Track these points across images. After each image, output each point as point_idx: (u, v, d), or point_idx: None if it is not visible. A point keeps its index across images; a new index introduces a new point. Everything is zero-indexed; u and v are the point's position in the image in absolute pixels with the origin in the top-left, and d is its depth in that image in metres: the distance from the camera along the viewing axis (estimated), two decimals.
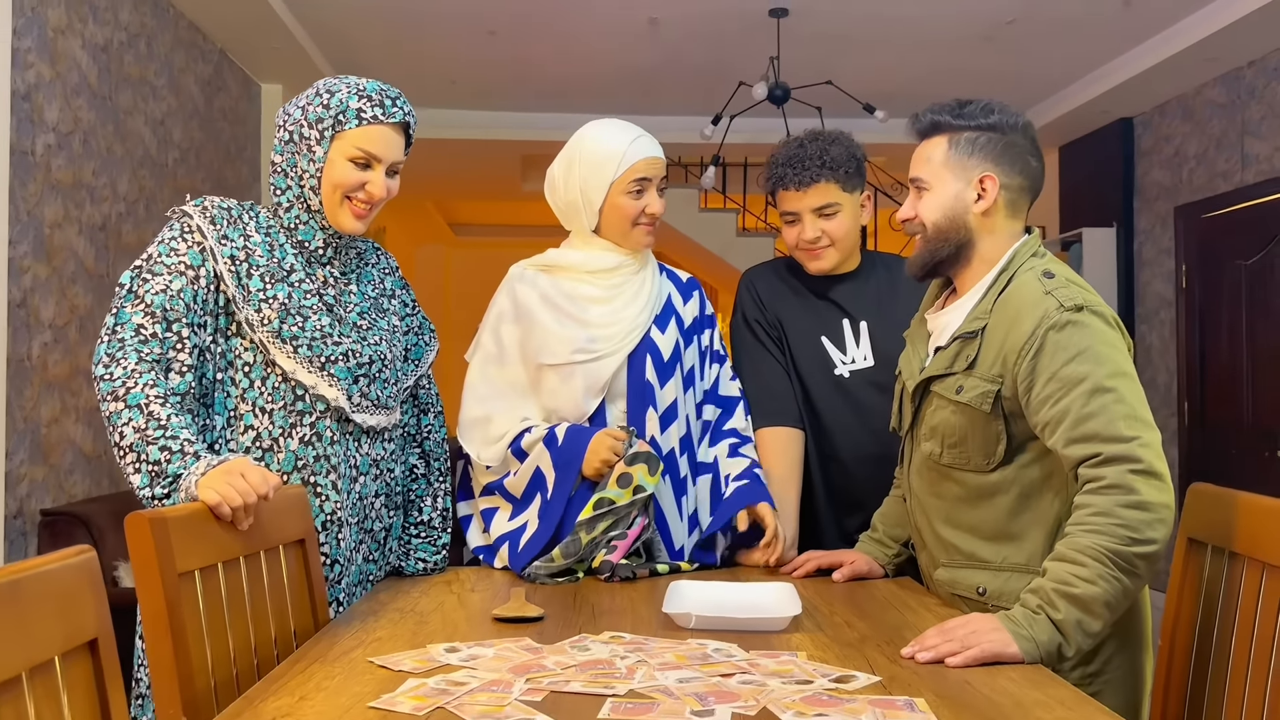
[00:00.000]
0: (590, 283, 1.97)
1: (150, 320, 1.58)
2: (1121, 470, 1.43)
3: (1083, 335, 1.51)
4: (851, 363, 2.11)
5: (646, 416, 1.94)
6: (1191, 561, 1.55)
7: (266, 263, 1.68)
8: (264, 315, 1.65)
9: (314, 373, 1.66)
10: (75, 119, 3.62)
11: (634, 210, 1.93)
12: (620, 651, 1.37)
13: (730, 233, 8.19)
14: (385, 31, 5.19)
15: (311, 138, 1.68)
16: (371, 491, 1.78)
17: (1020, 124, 1.63)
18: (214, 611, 1.35)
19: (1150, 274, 6.02)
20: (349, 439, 1.73)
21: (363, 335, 1.75)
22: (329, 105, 1.68)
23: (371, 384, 1.74)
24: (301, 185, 1.70)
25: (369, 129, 1.68)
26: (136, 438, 1.50)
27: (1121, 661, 1.58)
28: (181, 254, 1.63)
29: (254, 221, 1.71)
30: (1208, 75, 5.35)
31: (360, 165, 1.69)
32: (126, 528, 1.25)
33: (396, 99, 1.71)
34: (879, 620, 1.58)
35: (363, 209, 1.71)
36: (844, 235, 2.07)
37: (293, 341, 1.65)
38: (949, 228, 1.64)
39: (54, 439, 3.48)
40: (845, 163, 2.04)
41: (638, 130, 1.97)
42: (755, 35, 5.12)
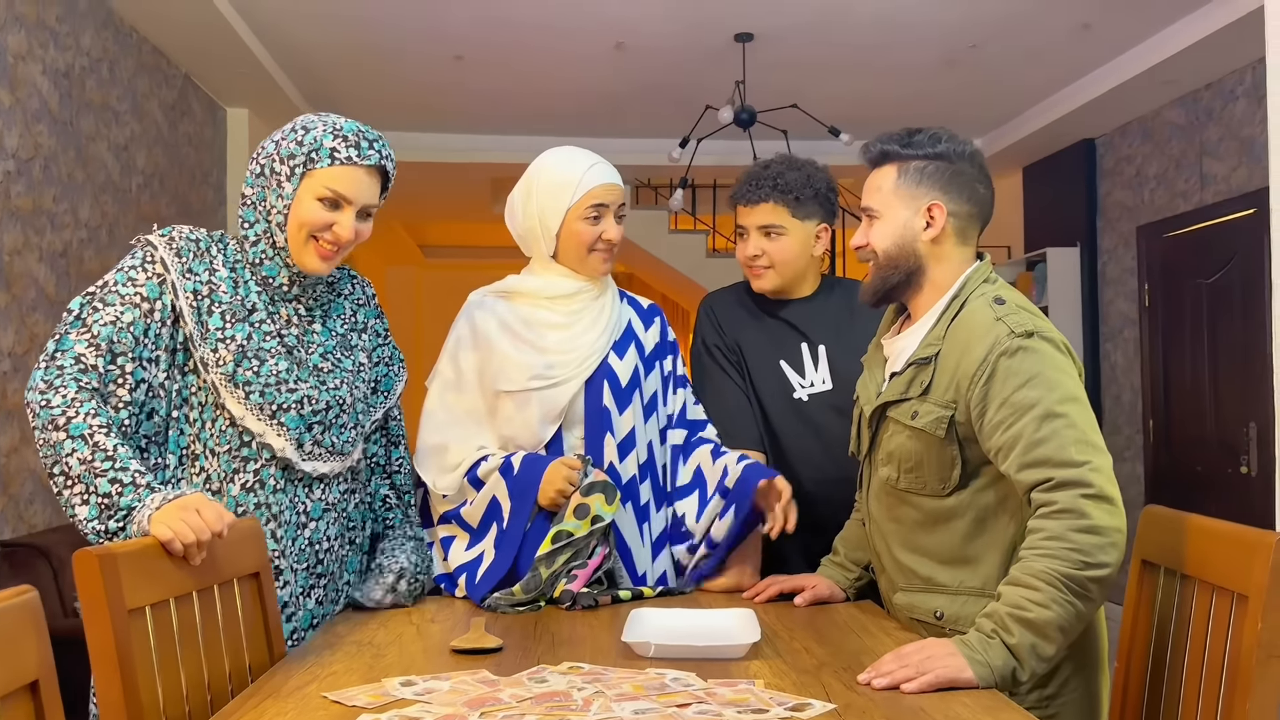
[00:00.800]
0: (549, 309, 1.97)
1: (93, 351, 1.54)
2: (1073, 495, 1.44)
3: (1033, 361, 1.53)
4: (810, 386, 2.13)
5: (604, 443, 1.93)
6: (1145, 583, 1.56)
7: (230, 300, 1.64)
8: (220, 356, 1.60)
9: (263, 420, 1.62)
10: (35, 145, 3.59)
11: (590, 236, 1.94)
12: (578, 683, 1.36)
13: (700, 254, 8.22)
14: (352, 55, 5.19)
15: (282, 173, 1.64)
16: (325, 535, 1.72)
17: (967, 152, 1.66)
18: (166, 648, 1.34)
19: (1114, 292, 6.10)
20: (297, 486, 1.68)
21: (322, 380, 1.70)
22: (303, 142, 1.64)
23: (326, 431, 1.69)
24: (269, 220, 1.66)
25: (341, 169, 1.63)
26: (83, 469, 1.46)
27: (1078, 684, 1.59)
28: (139, 284, 1.60)
29: (221, 255, 1.67)
30: (1166, 97, 5.44)
31: (329, 205, 1.63)
32: (75, 565, 1.24)
33: (375, 142, 1.67)
34: (838, 646, 1.59)
35: (329, 250, 1.66)
36: (786, 260, 2.10)
37: (245, 386, 1.61)
38: (899, 255, 1.66)
39: (13, 468, 3.43)
40: (798, 189, 2.08)
41: (595, 157, 1.97)
42: (721, 60, 5.16)
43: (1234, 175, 5.02)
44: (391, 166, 1.70)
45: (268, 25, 4.72)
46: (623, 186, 1.99)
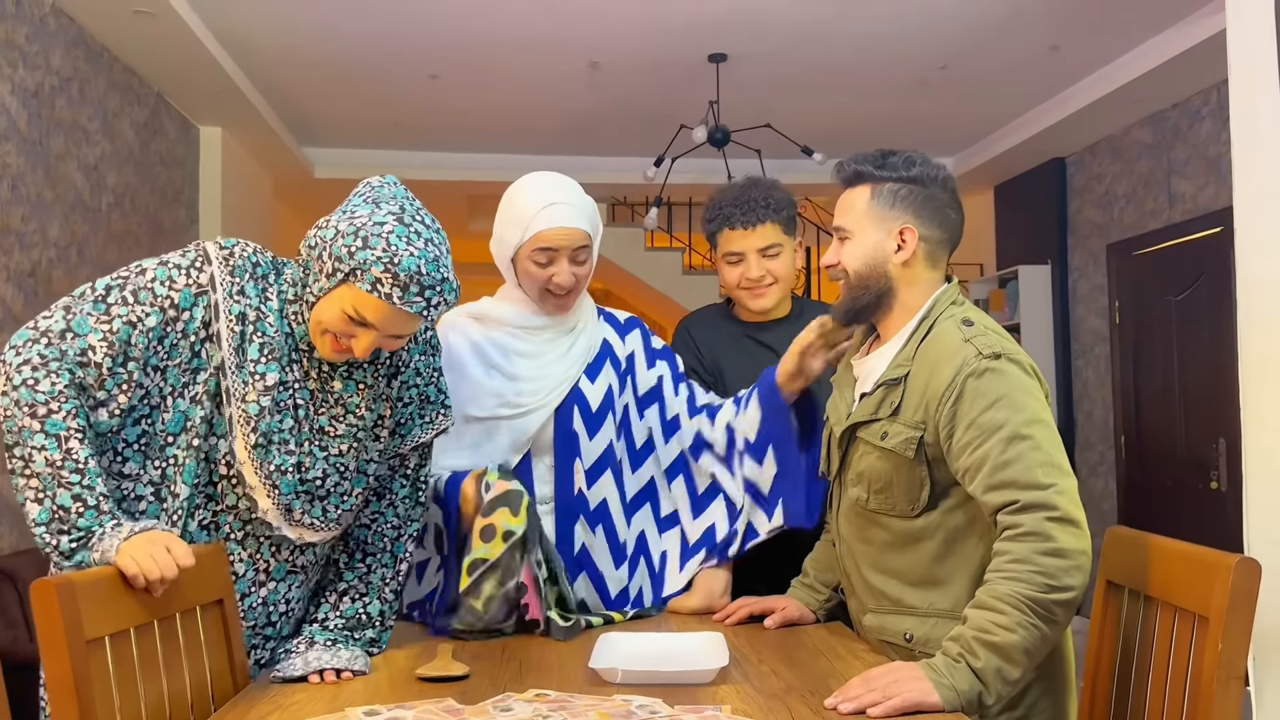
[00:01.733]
0: (520, 337, 1.95)
1: (104, 346, 1.43)
2: (1038, 518, 1.45)
3: (1000, 382, 1.54)
4: None
5: (573, 469, 1.92)
6: (1110, 604, 1.58)
7: (272, 334, 1.53)
8: (246, 392, 1.50)
9: (259, 474, 1.51)
10: (3, 165, 3.56)
11: (538, 278, 1.87)
12: (544, 710, 1.36)
13: (676, 271, 8.24)
14: (327, 74, 5.19)
15: (326, 267, 1.49)
16: (284, 598, 1.62)
17: (940, 177, 1.67)
18: (126, 678, 1.32)
19: (1084, 309, 6.15)
20: (261, 542, 1.57)
21: (324, 445, 1.57)
22: (353, 254, 1.46)
23: (315, 502, 1.57)
24: (304, 293, 1.55)
25: (375, 300, 1.47)
26: (48, 471, 1.37)
27: (1046, 705, 1.60)
28: (177, 288, 1.49)
29: (276, 286, 1.56)
30: (1135, 116, 5.52)
31: (354, 321, 1.49)
32: (33, 594, 1.22)
33: (428, 289, 1.47)
34: (807, 669, 1.59)
35: (343, 349, 1.53)
36: (785, 275, 2.15)
37: (259, 434, 1.50)
38: (869, 275, 1.67)
39: None
40: (786, 207, 2.13)
41: (556, 196, 1.84)
42: (695, 79, 5.19)
43: (1201, 194, 5.09)
44: (439, 314, 1.51)
45: (241, 44, 4.71)
46: (585, 229, 1.85)
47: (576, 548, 1.92)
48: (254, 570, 1.59)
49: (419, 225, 1.51)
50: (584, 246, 1.87)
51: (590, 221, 1.89)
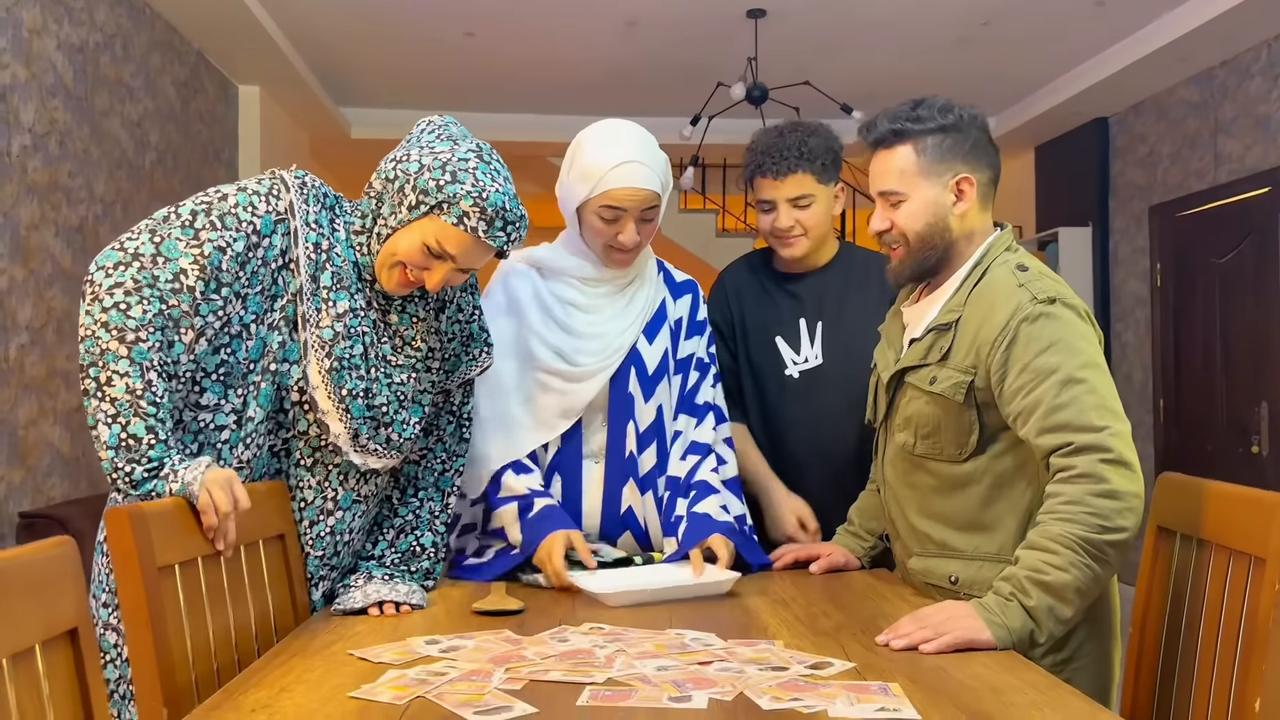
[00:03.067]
0: (578, 288, 1.92)
1: (195, 270, 1.44)
2: (1092, 459, 1.45)
3: (1055, 327, 1.53)
4: (804, 362, 2.13)
5: (627, 431, 1.90)
6: (1161, 550, 1.58)
7: (340, 264, 1.56)
8: (321, 317, 1.53)
9: (332, 400, 1.55)
10: (51, 120, 3.60)
11: (604, 234, 1.84)
12: (599, 642, 1.38)
13: (710, 233, 8.22)
14: (364, 32, 5.19)
15: (409, 199, 1.53)
16: (349, 527, 1.65)
17: (976, 117, 1.65)
18: (194, 606, 1.36)
19: (1125, 273, 6.08)
20: (331, 470, 1.60)
21: (387, 373, 1.62)
22: (442, 187, 1.51)
23: (381, 427, 1.60)
24: (375, 225, 1.58)
25: (461, 233, 1.52)
26: (126, 398, 1.38)
27: (1091, 649, 1.61)
28: (259, 213, 1.50)
29: (343, 217, 1.60)
30: (1181, 75, 5.41)
31: (432, 254, 1.54)
32: (106, 521, 1.26)
33: (509, 225, 1.53)
34: (855, 610, 1.60)
35: (411, 283, 1.57)
36: (816, 225, 2.09)
37: (333, 359, 1.54)
38: (932, 234, 1.64)
39: (31, 441, 3.46)
40: (822, 154, 2.05)
41: (630, 153, 1.79)
42: (733, 36, 5.15)
43: (1248, 154, 5.00)
44: (514, 248, 1.58)
45: (279, 1, 4.72)
46: (655, 189, 1.81)
47: (622, 508, 1.92)
48: (322, 499, 1.62)
49: (497, 163, 1.57)
50: (653, 206, 1.83)
51: (662, 180, 1.84)
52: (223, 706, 1.15)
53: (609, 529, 1.91)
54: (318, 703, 1.15)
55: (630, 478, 1.91)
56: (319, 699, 1.16)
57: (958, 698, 1.18)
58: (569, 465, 1.90)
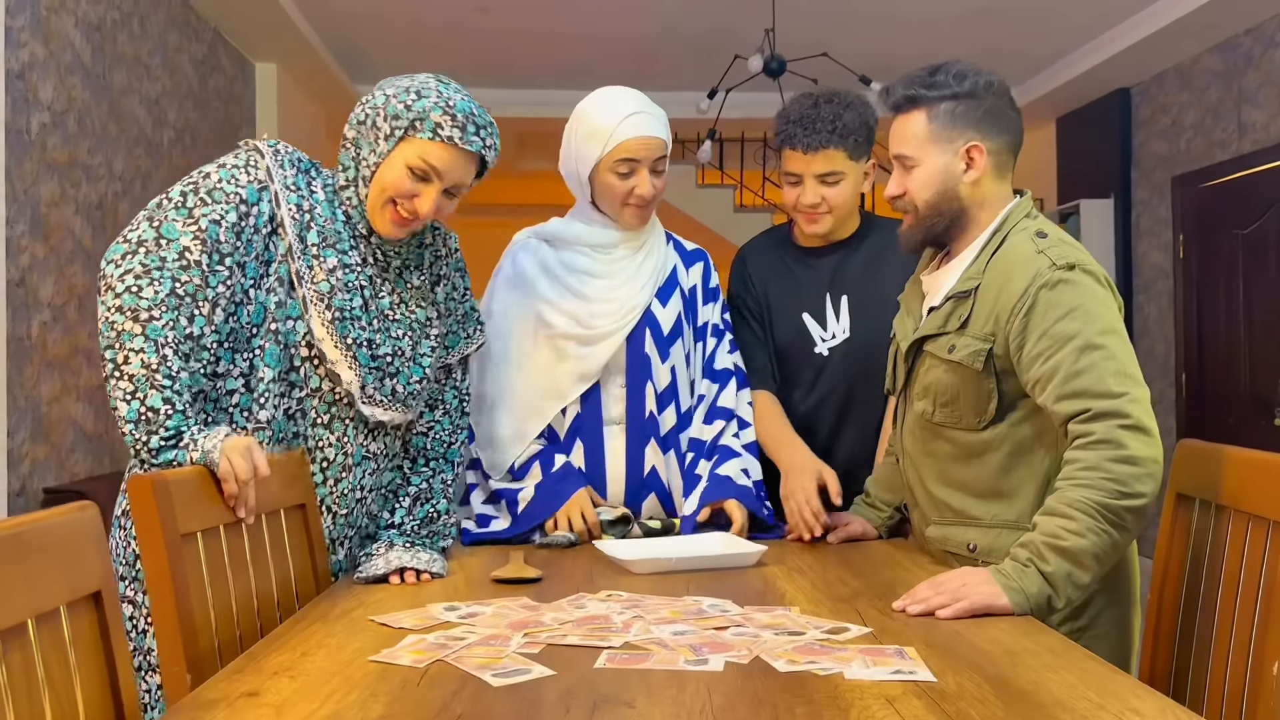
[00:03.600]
0: (591, 256, 1.95)
1: (198, 246, 1.49)
2: (1110, 425, 1.44)
3: (1074, 293, 1.52)
4: (832, 338, 2.10)
5: (645, 392, 1.93)
6: (1180, 516, 1.57)
7: (325, 223, 1.61)
8: (314, 272, 1.57)
9: (340, 349, 1.59)
10: (70, 98, 3.62)
11: (621, 191, 1.88)
12: (617, 608, 1.39)
13: (727, 209, 8.18)
14: (378, 8, 5.18)
15: (383, 130, 1.59)
16: (360, 485, 1.68)
17: (993, 84, 1.63)
18: (216, 573, 1.37)
19: (1147, 244, 6.03)
20: (345, 425, 1.63)
21: (386, 326, 1.66)
22: (410, 106, 1.58)
23: (386, 379, 1.64)
24: (358, 170, 1.63)
25: (439, 145, 1.57)
26: (142, 373, 1.42)
27: (1110, 617, 1.60)
28: (242, 185, 1.56)
29: (320, 179, 1.65)
30: (1205, 44, 5.34)
31: (417, 176, 1.58)
32: (129, 489, 1.28)
33: (482, 129, 1.61)
34: (872, 577, 1.61)
35: (404, 218, 1.61)
36: (843, 203, 2.04)
37: (334, 309, 1.58)
38: (940, 201, 1.64)
39: (55, 418, 3.50)
40: (856, 130, 2.00)
41: (635, 105, 1.87)
42: (750, 7, 5.11)
43: (1273, 123, 4.93)
44: (493, 157, 1.64)
45: None
46: (664, 138, 1.88)
47: (646, 469, 1.94)
48: (343, 455, 1.65)
49: (454, 83, 1.67)
50: (662, 156, 1.89)
51: (666, 130, 1.90)
52: (245, 670, 1.16)
53: (633, 492, 1.93)
54: (339, 665, 1.17)
55: (652, 437, 1.94)
56: (340, 662, 1.18)
57: (973, 661, 1.18)
58: (590, 432, 1.92)
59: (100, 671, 1.01)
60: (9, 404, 3.19)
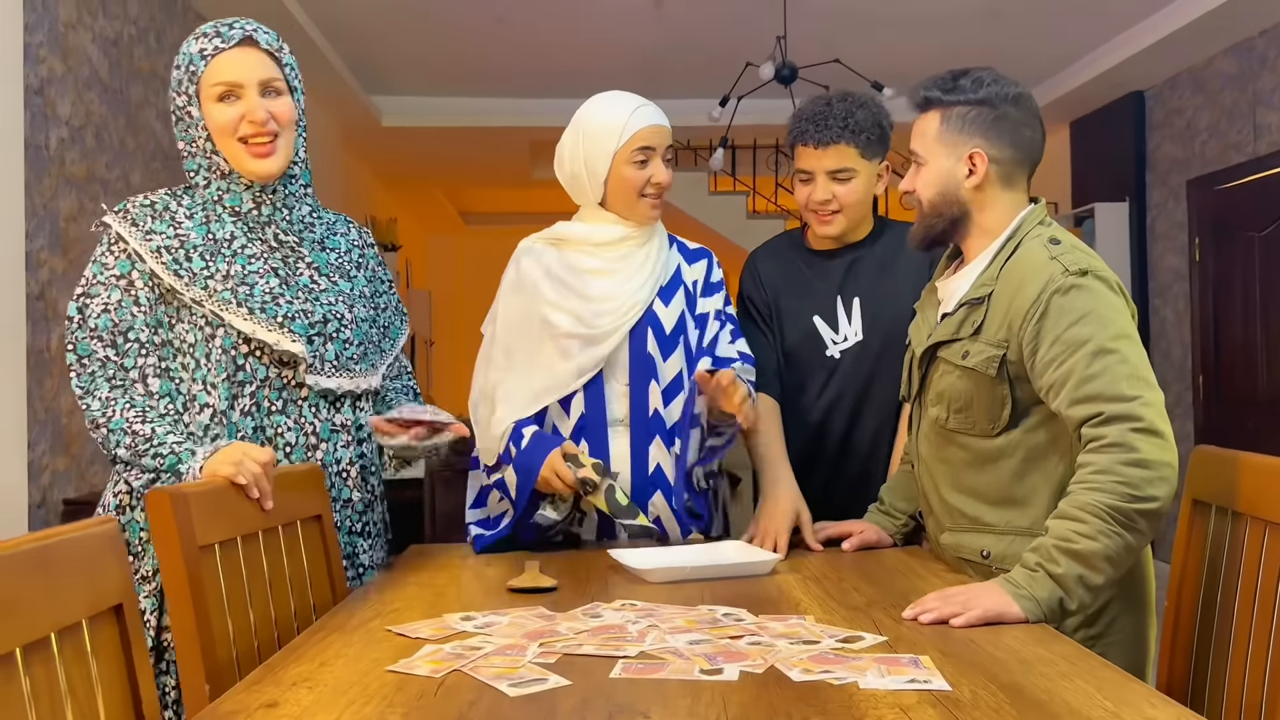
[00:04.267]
0: (595, 255, 1.97)
1: (102, 345, 1.62)
2: (1123, 429, 1.44)
3: (1087, 299, 1.53)
4: (844, 340, 2.10)
5: (648, 389, 1.95)
6: (1196, 523, 1.56)
7: (204, 241, 1.67)
8: (211, 289, 1.64)
9: (274, 330, 1.65)
10: (87, 113, 3.66)
11: (639, 181, 1.92)
12: (632, 617, 1.40)
13: (740, 215, 8.19)
14: (394, 22, 5.22)
15: (182, 104, 1.67)
16: (341, 459, 1.74)
17: (1011, 95, 1.64)
18: (234, 585, 1.39)
19: (1163, 248, 6.00)
20: (302, 406, 1.70)
21: (315, 296, 1.72)
22: (180, 65, 1.68)
23: (327, 343, 1.70)
24: (203, 154, 1.68)
25: (215, 62, 1.65)
26: (130, 455, 1.58)
27: (1125, 624, 1.60)
28: (111, 267, 1.65)
29: (183, 206, 1.70)
30: (1218, 46, 5.32)
31: (230, 101, 1.65)
32: (147, 503, 1.29)
33: (235, 22, 1.68)
34: (887, 586, 1.61)
35: (262, 145, 1.66)
36: (854, 203, 2.04)
37: (246, 304, 1.65)
38: (941, 203, 1.67)
39: (74, 430, 3.53)
40: (869, 129, 2.00)
41: (640, 99, 1.95)
42: (761, 15, 5.12)
43: None
44: (265, 38, 1.70)
45: None
46: (669, 128, 1.96)
47: (651, 467, 1.95)
48: (303, 435, 1.71)
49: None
50: (671, 145, 1.96)
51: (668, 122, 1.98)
52: (263, 681, 1.17)
53: (640, 490, 1.94)
54: (356, 676, 1.18)
55: (656, 435, 1.95)
56: (358, 672, 1.19)
57: (988, 669, 1.18)
58: (595, 429, 1.94)
59: (122, 683, 1.03)
60: (30, 416, 3.22)
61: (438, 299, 9.83)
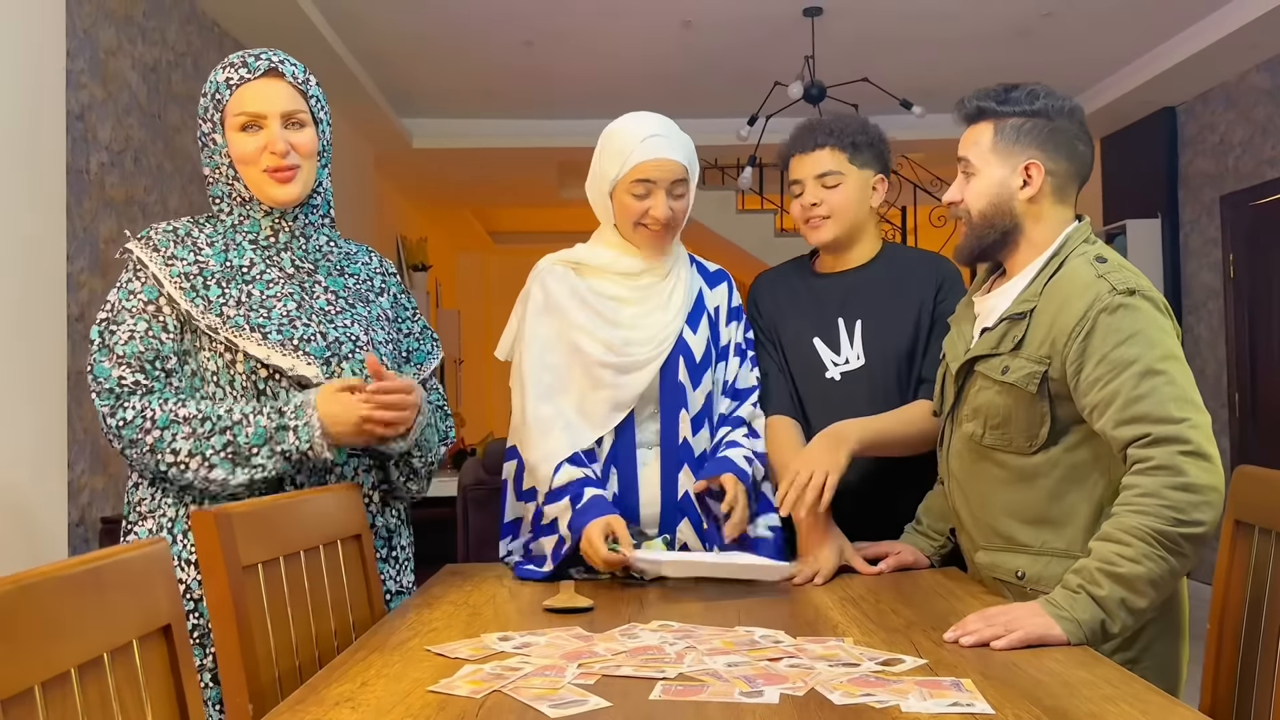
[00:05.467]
0: (619, 283, 1.95)
1: (129, 370, 1.61)
2: (1170, 451, 1.43)
3: (1134, 318, 1.52)
4: (845, 363, 2.05)
5: (679, 419, 1.92)
6: (1239, 544, 1.55)
7: (221, 267, 1.68)
8: (225, 315, 1.64)
9: (289, 354, 1.65)
10: (127, 137, 3.72)
11: (635, 211, 1.88)
12: (669, 639, 1.40)
13: (768, 233, 8.20)
14: (424, 46, 5.28)
15: (207, 130, 1.69)
16: (363, 484, 1.73)
17: (1067, 108, 1.64)
18: (276, 604, 1.40)
19: (1197, 264, 5.95)
20: None
21: (330, 319, 1.71)
22: (207, 93, 1.69)
23: (342, 363, 1.69)
24: (225, 180, 1.70)
25: (239, 91, 1.66)
26: (192, 444, 1.56)
27: (1160, 649, 1.58)
28: (138, 293, 1.65)
29: (205, 233, 1.71)
30: (1251, 61, 5.28)
31: (252, 131, 1.66)
32: (193, 523, 1.31)
33: (261, 54, 1.70)
34: (925, 608, 1.60)
35: (280, 172, 1.67)
36: (843, 208, 2.01)
37: (261, 329, 1.64)
38: (994, 214, 1.65)
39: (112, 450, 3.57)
40: (854, 133, 2.00)
41: (655, 128, 1.88)
42: (790, 35, 5.14)
43: None
44: (291, 70, 1.72)
45: (342, 15, 4.82)
46: (682, 162, 1.88)
47: (679, 494, 1.94)
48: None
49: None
50: (681, 180, 1.89)
51: (687, 155, 1.91)
52: (306, 700, 1.18)
53: (668, 516, 1.93)
54: (398, 696, 1.18)
55: (685, 462, 1.93)
56: (399, 693, 1.20)
57: (1030, 693, 1.17)
58: (624, 457, 1.92)
59: (170, 703, 1.04)
60: (69, 436, 3.26)
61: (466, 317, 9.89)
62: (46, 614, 0.87)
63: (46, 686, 0.86)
